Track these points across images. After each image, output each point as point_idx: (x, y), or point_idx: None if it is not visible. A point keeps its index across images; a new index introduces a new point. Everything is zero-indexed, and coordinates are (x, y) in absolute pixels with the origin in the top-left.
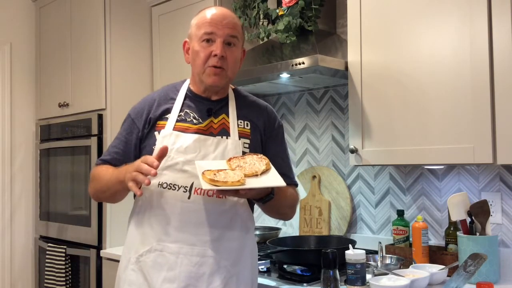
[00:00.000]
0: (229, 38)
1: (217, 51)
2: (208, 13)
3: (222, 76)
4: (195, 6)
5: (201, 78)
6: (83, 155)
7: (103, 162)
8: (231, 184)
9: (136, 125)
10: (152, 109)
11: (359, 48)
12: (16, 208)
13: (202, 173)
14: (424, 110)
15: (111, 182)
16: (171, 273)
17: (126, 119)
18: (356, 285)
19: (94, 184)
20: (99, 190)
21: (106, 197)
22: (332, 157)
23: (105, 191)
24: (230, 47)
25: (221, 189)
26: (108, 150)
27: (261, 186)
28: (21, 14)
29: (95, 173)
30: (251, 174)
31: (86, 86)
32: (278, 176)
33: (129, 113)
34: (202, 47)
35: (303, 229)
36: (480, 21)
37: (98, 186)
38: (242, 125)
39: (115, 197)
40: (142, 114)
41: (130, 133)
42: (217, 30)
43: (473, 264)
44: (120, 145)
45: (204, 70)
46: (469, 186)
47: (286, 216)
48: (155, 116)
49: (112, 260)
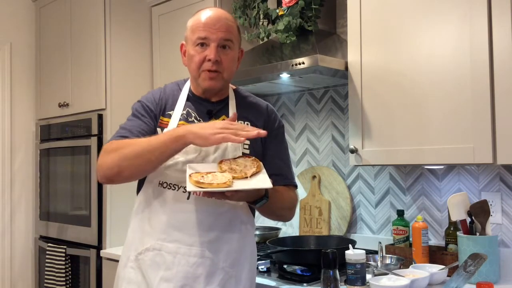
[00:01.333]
0: (223, 41)
1: (211, 56)
2: (203, 16)
3: (218, 79)
4: (195, 6)
5: (198, 82)
6: (83, 155)
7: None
8: (216, 186)
9: (152, 111)
10: (159, 102)
11: (359, 48)
12: (16, 208)
13: (189, 175)
14: (424, 110)
15: (158, 142)
16: (168, 273)
17: (138, 105)
18: (356, 285)
19: (121, 152)
20: (130, 157)
21: (138, 167)
22: (332, 157)
23: (143, 156)
24: (225, 50)
25: (205, 190)
26: (127, 128)
27: (246, 187)
28: (21, 14)
29: (120, 144)
30: (240, 177)
31: (86, 86)
32: (267, 178)
33: (140, 100)
34: (196, 52)
35: (303, 229)
36: (480, 21)
37: (130, 152)
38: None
39: (153, 166)
40: (155, 102)
41: (148, 116)
42: (211, 35)
43: (473, 264)
44: (142, 125)
45: (200, 74)
46: (469, 186)
47: (283, 218)
48: (160, 110)
49: (112, 260)
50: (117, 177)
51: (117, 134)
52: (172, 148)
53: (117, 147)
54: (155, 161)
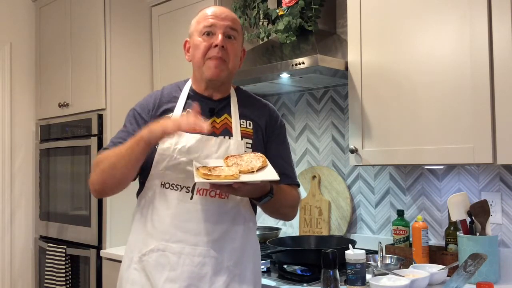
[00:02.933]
0: (229, 30)
1: (217, 41)
2: (208, 10)
3: (223, 68)
4: (195, 6)
5: (202, 72)
6: (83, 155)
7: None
8: (224, 178)
9: (143, 118)
10: (156, 106)
11: (359, 48)
12: (16, 208)
13: (196, 168)
14: (424, 110)
15: (125, 149)
16: (173, 273)
17: (130, 113)
18: (356, 285)
19: (100, 166)
20: (107, 169)
21: (115, 177)
22: (332, 157)
23: (116, 165)
24: (231, 40)
25: (213, 182)
26: (112, 141)
27: (254, 179)
28: (21, 14)
29: (100, 158)
30: (247, 171)
31: (86, 86)
32: (273, 171)
33: (133, 108)
34: (202, 40)
35: (303, 229)
36: (480, 21)
37: (106, 164)
38: (244, 125)
39: (126, 173)
40: (147, 109)
41: (137, 125)
42: (217, 23)
43: (473, 264)
44: (127, 136)
45: (204, 62)
46: (469, 186)
47: (286, 216)
48: (159, 113)
49: (112, 260)
50: (104, 191)
51: (105, 147)
52: (137, 151)
53: (98, 162)
54: (127, 168)
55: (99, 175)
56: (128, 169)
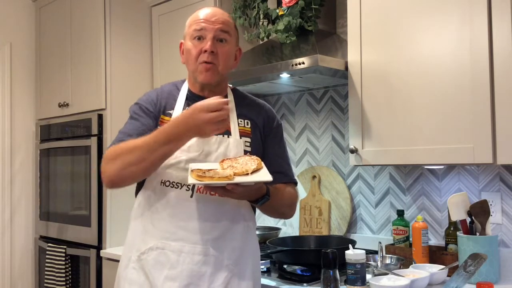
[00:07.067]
0: (219, 33)
1: (207, 47)
2: (200, 12)
3: (214, 72)
4: (195, 6)
5: (195, 75)
6: (83, 155)
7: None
8: (217, 180)
9: (151, 111)
10: (159, 101)
11: (359, 48)
12: (16, 208)
13: (191, 170)
14: (424, 110)
15: (158, 144)
16: (173, 272)
17: (136, 107)
18: (356, 285)
19: (122, 159)
20: (134, 162)
21: (144, 169)
22: (332, 157)
23: (145, 158)
24: (222, 43)
25: (206, 183)
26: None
27: (247, 180)
28: (21, 14)
29: (118, 150)
30: (242, 173)
31: (86, 86)
32: (267, 173)
33: (137, 103)
34: (193, 45)
35: (303, 229)
36: (480, 21)
37: (133, 158)
38: (242, 124)
39: (156, 166)
40: (153, 102)
41: (148, 117)
42: (207, 26)
43: (473, 264)
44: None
45: (197, 67)
46: (469, 186)
47: (285, 215)
48: (159, 110)
49: (112, 260)
50: (123, 183)
51: (117, 139)
52: (180, 145)
53: (116, 154)
54: (161, 161)
55: (120, 168)
56: (159, 163)
